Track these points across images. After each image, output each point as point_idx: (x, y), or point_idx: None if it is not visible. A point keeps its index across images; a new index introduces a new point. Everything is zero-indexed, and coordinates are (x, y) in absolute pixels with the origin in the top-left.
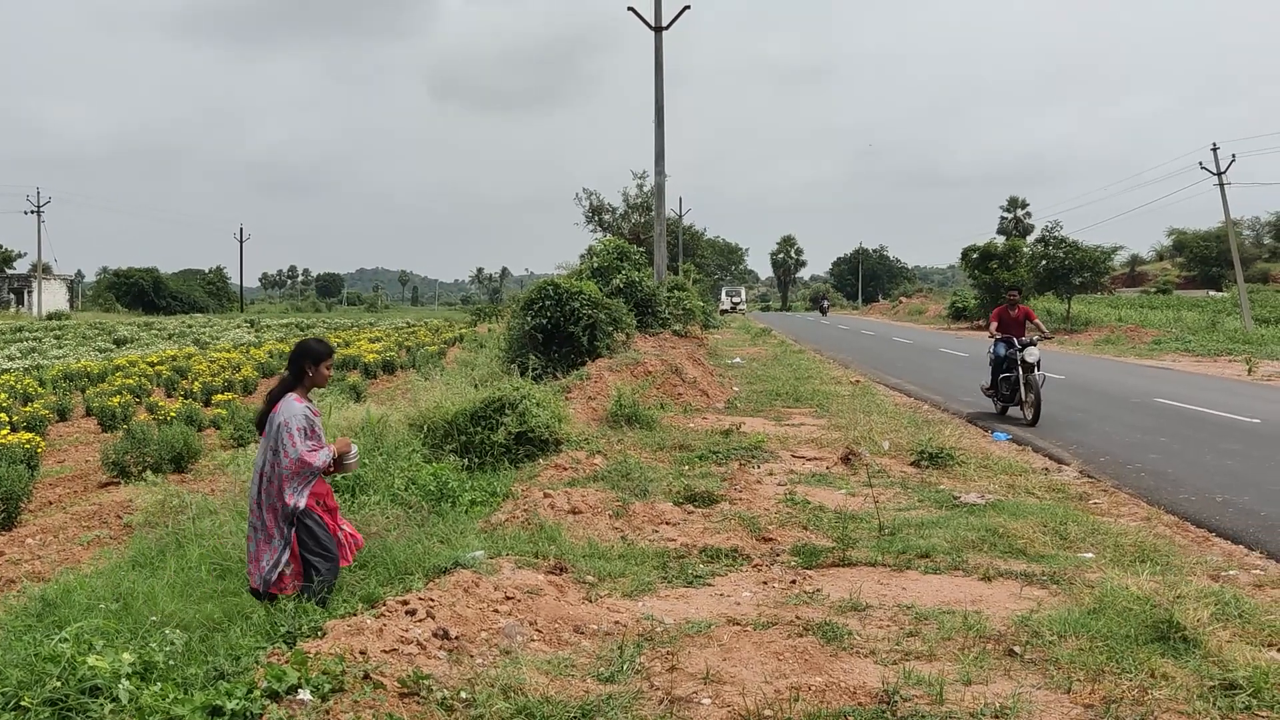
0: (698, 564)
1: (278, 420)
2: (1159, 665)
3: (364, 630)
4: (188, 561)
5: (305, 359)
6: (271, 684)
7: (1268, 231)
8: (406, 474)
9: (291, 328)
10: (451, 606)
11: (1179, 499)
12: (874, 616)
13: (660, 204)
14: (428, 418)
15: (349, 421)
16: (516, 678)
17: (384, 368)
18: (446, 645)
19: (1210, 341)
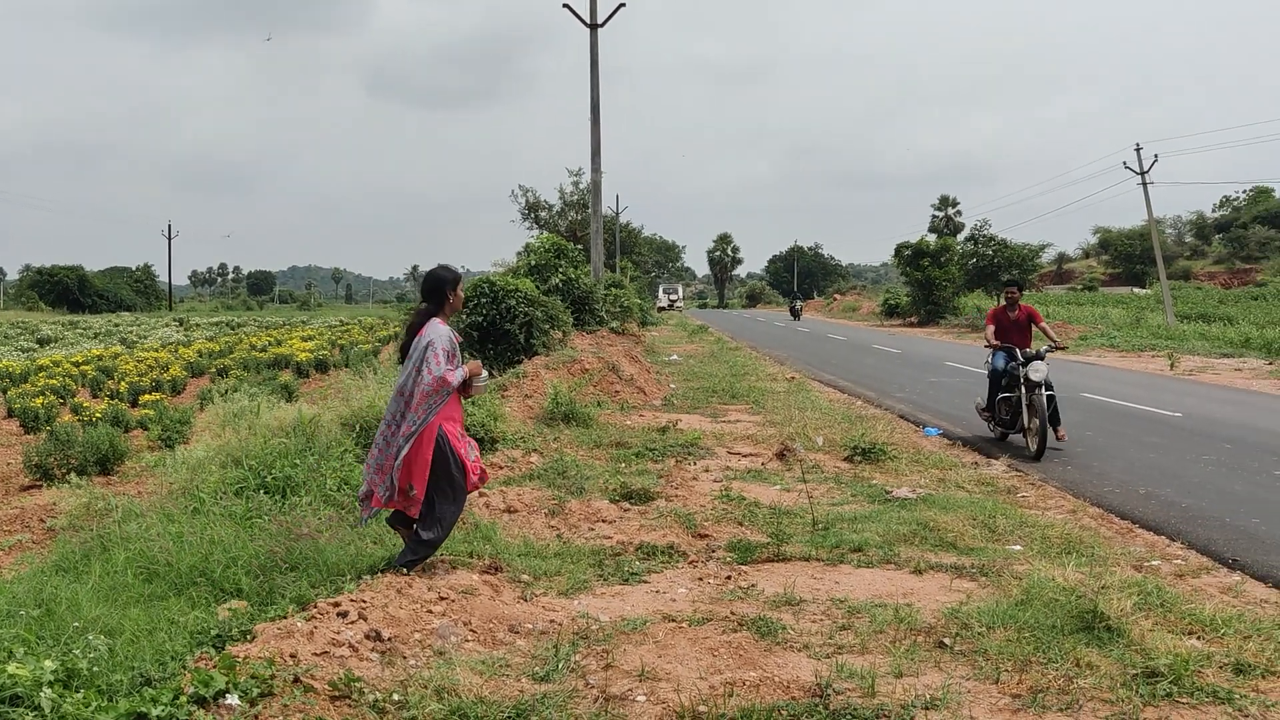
0: (634, 561)
1: (424, 341)
2: (1084, 654)
3: (294, 633)
4: (113, 566)
5: (445, 285)
6: (198, 689)
7: (1189, 230)
8: (339, 474)
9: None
10: (384, 608)
11: (1104, 492)
12: (808, 611)
13: (597, 201)
14: (360, 417)
15: (280, 421)
16: (450, 678)
17: (317, 366)
18: (379, 647)
19: (1134, 337)
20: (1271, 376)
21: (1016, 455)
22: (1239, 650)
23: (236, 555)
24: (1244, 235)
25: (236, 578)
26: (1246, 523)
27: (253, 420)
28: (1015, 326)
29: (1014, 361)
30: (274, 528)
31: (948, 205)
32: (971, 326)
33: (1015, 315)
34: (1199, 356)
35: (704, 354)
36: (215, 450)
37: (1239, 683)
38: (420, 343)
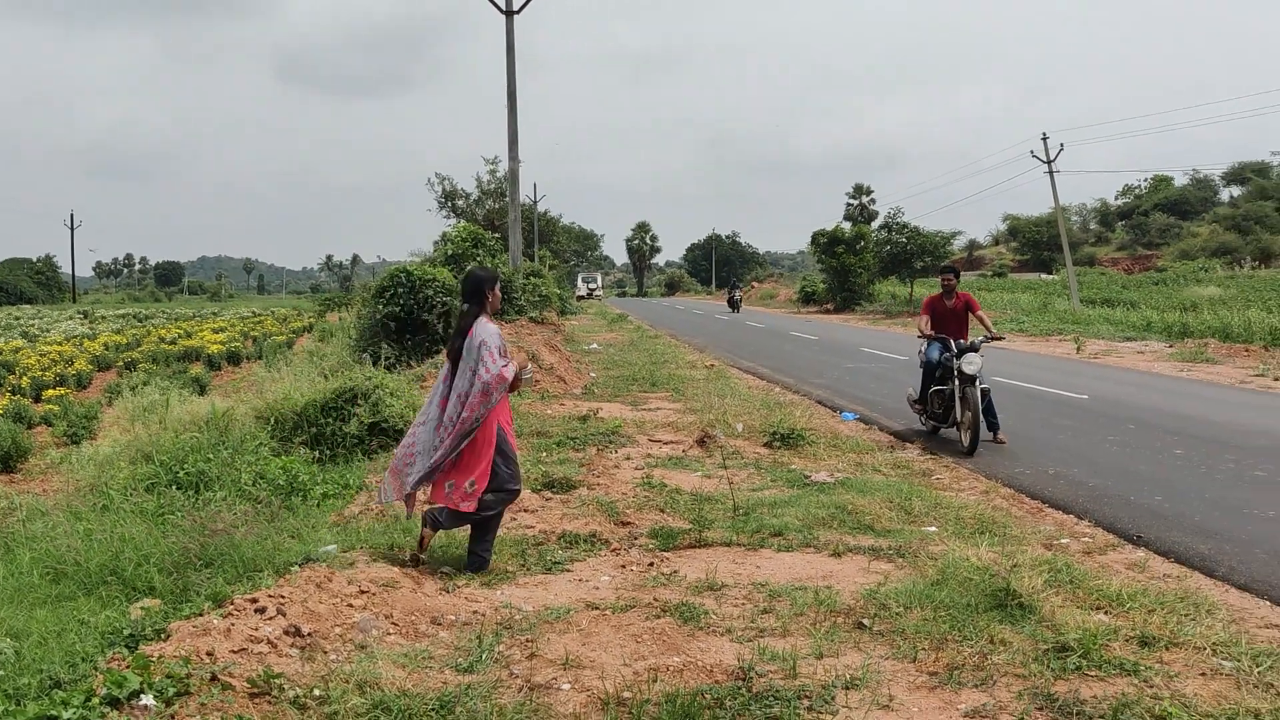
0: (557, 550)
1: (477, 341)
2: (998, 631)
3: (211, 630)
4: (18, 566)
5: (485, 284)
6: (111, 690)
7: (1094, 217)
8: (254, 468)
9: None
10: (303, 603)
11: (1015, 473)
12: (730, 595)
13: (514, 190)
14: (276, 409)
15: (192, 415)
16: (372, 672)
17: (229, 359)
18: (299, 642)
19: (1043, 322)
20: (1172, 359)
21: (935, 442)
22: (1144, 623)
23: (148, 553)
24: (1145, 222)
25: (149, 576)
26: (1150, 500)
27: (163, 414)
28: (952, 316)
29: (948, 353)
30: (187, 524)
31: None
32: (885, 313)
33: (952, 304)
34: (1104, 340)
35: (624, 342)
36: (124, 446)
37: (1144, 654)
38: (473, 343)
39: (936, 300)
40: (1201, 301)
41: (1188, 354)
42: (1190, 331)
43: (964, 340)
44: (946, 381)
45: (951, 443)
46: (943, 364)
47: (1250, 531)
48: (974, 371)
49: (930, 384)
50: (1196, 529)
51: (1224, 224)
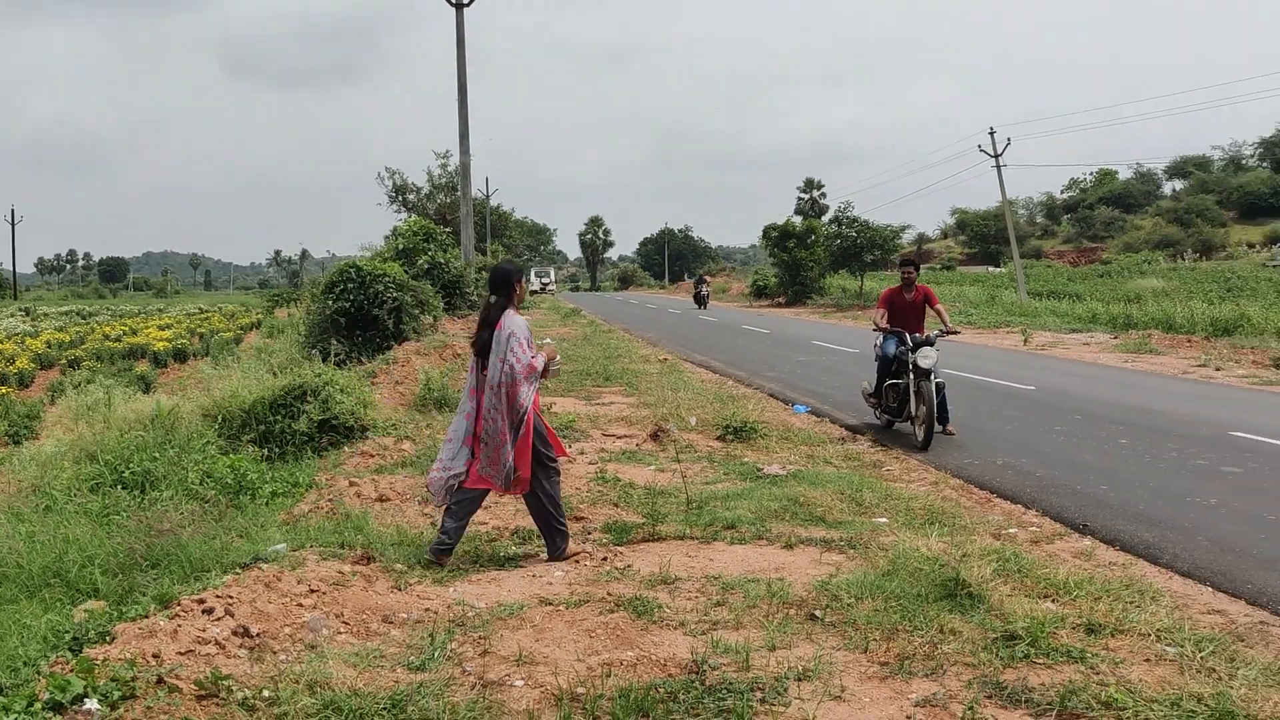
0: (511, 546)
1: (506, 333)
2: (948, 621)
3: (157, 632)
4: None
5: (511, 278)
6: (54, 695)
7: (1040, 210)
8: (201, 467)
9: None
10: (252, 603)
11: (964, 464)
12: (683, 589)
13: (466, 184)
14: (223, 407)
15: (137, 413)
16: (322, 672)
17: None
18: (248, 643)
19: (990, 314)
20: (1117, 350)
21: (886, 435)
22: (1090, 611)
23: (93, 554)
24: (1090, 215)
25: (93, 577)
26: (1096, 490)
27: (107, 413)
28: (910, 309)
29: (903, 347)
30: (133, 524)
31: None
32: (836, 306)
33: (911, 297)
34: (1050, 332)
35: (578, 337)
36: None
37: (1091, 642)
38: (502, 335)
39: (895, 293)
40: (1145, 293)
41: (1132, 345)
42: (1134, 323)
43: (919, 334)
44: (902, 375)
45: (903, 436)
46: (898, 358)
47: (1193, 519)
48: (929, 365)
49: (886, 378)
50: (1141, 517)
51: (1166, 217)
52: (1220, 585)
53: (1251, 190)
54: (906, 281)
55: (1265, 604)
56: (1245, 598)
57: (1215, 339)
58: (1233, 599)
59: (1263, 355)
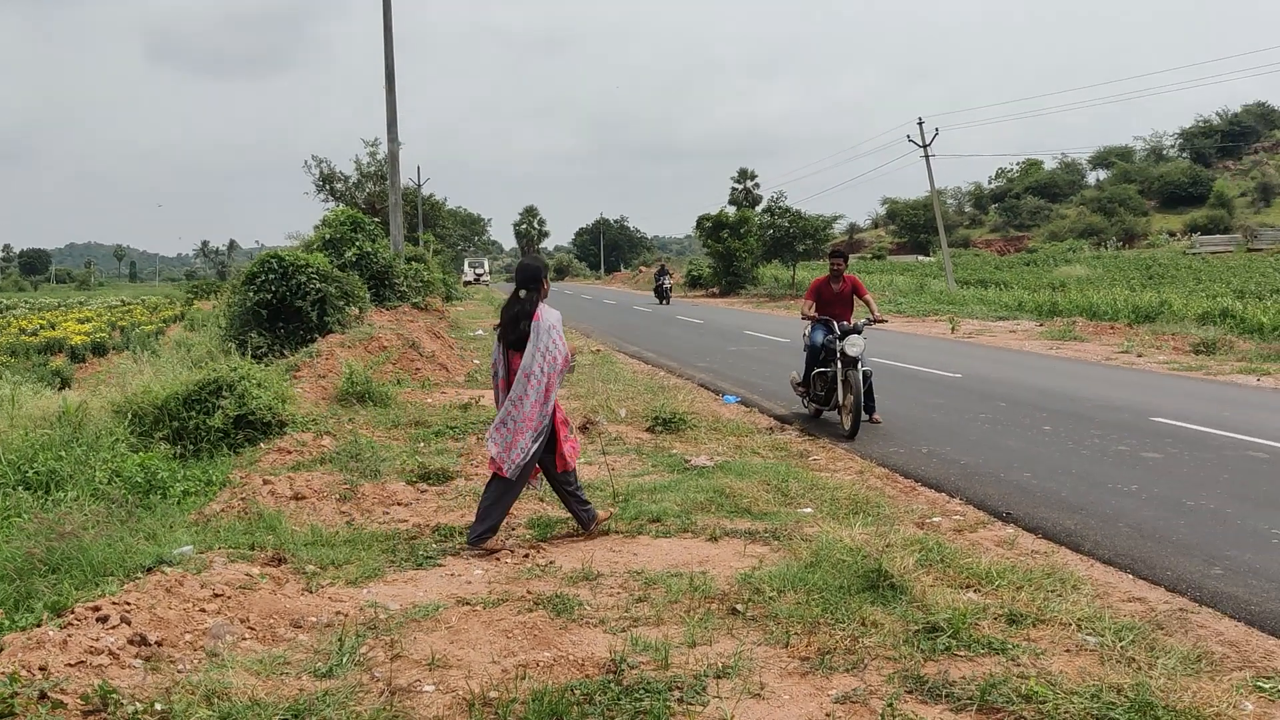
0: (430, 544)
1: (546, 324)
2: (870, 613)
3: (46, 643)
4: None
5: (541, 273)
6: None
7: (968, 200)
8: (110, 465)
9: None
10: (151, 609)
11: (889, 452)
12: (605, 585)
13: (394, 173)
14: (134, 403)
15: (45, 410)
16: (221, 682)
17: (94, 350)
18: (144, 652)
19: (919, 303)
20: (1042, 337)
21: (814, 424)
22: (1012, 601)
23: None
24: (1017, 205)
25: None
26: (1019, 477)
27: (12, 410)
28: (838, 299)
29: (831, 335)
30: (33, 527)
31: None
32: (769, 296)
33: (839, 287)
34: (977, 320)
35: None
36: None
37: (1012, 632)
38: (542, 326)
39: (823, 283)
40: (1070, 281)
41: (1057, 332)
42: (1059, 310)
43: (848, 323)
44: (830, 364)
45: (830, 425)
46: (826, 346)
47: (1114, 506)
48: (857, 353)
49: (814, 366)
50: (1063, 504)
51: (1090, 206)
52: (1140, 572)
53: (1172, 180)
54: (835, 272)
55: (1184, 590)
56: (1165, 584)
57: (1137, 326)
58: (1153, 586)
59: (1182, 341)
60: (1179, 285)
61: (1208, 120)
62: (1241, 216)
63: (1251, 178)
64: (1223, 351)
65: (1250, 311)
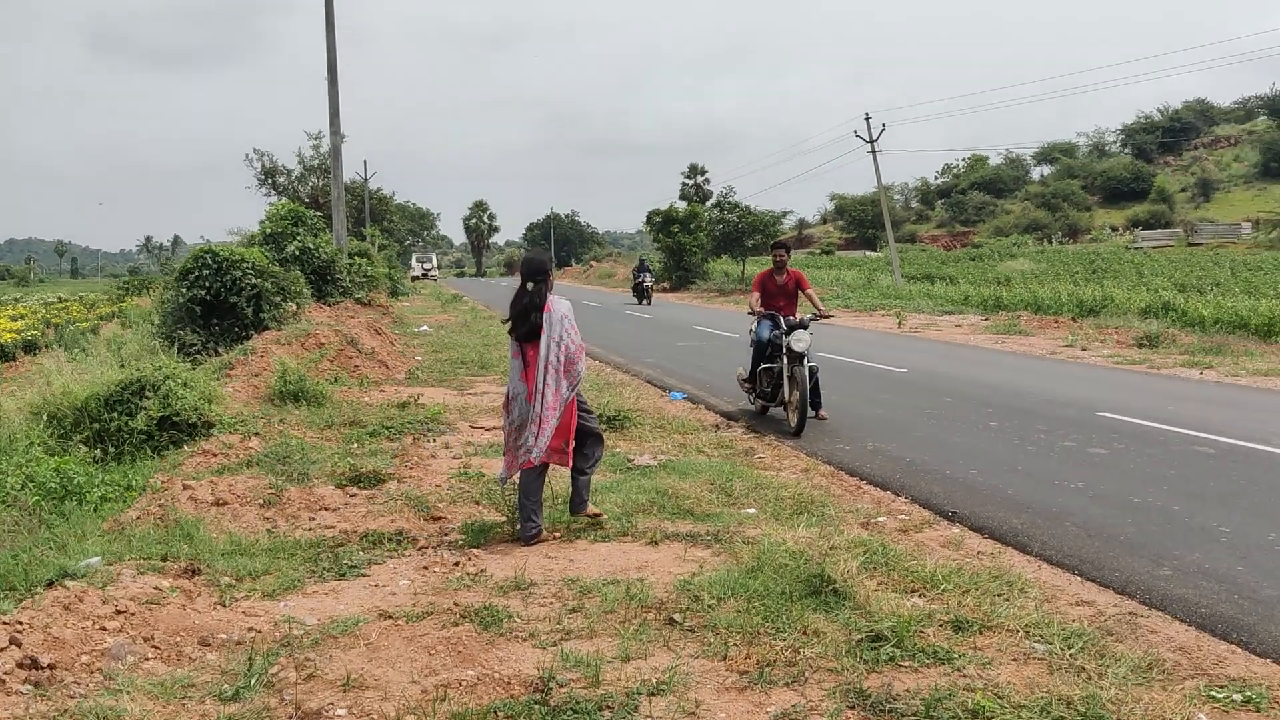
0: (357, 552)
1: (558, 315)
2: (811, 621)
3: None
4: None
5: (548, 266)
6: None
7: (915, 195)
8: (23, 471)
9: None
10: (46, 629)
11: (835, 450)
12: (538, 594)
13: (337, 166)
14: (53, 404)
15: None
16: (115, 708)
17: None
18: (35, 676)
19: (867, 298)
20: (987, 331)
21: (761, 421)
22: (958, 606)
23: None
24: (963, 200)
25: None
26: (965, 474)
27: None
28: (782, 292)
29: (778, 330)
30: None
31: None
32: (719, 291)
33: (783, 280)
34: (924, 314)
35: (456, 324)
36: None
37: (958, 640)
38: (554, 317)
39: (767, 276)
40: (1015, 276)
41: (1002, 326)
42: (1004, 305)
43: (793, 317)
44: (776, 359)
45: (777, 422)
46: (772, 342)
47: (1061, 504)
48: (803, 349)
49: (760, 362)
50: (1010, 503)
51: (1035, 201)
52: (1088, 574)
53: (1114, 176)
54: (778, 264)
55: (1133, 593)
56: (1114, 586)
57: (1081, 319)
58: (1101, 588)
59: (1126, 335)
60: (1122, 279)
61: (1149, 117)
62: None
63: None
64: (1166, 345)
65: (1192, 305)
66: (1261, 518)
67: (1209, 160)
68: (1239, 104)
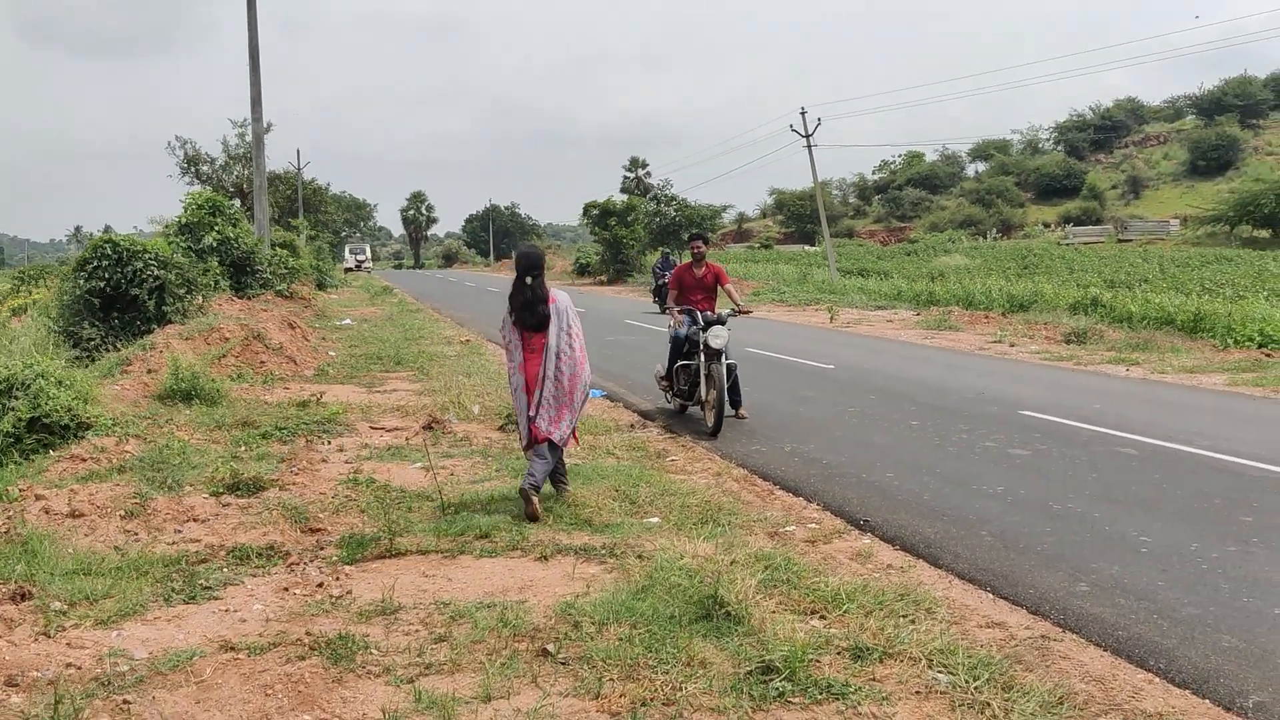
0: (219, 570)
1: (563, 305)
2: (699, 650)
3: None
4: None
5: (543, 260)
6: None
7: (853, 191)
8: None
9: None
10: None
11: (751, 451)
12: (404, 620)
13: (259, 154)
14: None
15: None
16: None
17: None
18: None
19: (802, 292)
20: (918, 326)
21: (679, 421)
22: (859, 630)
23: None
24: (899, 196)
25: None
26: (881, 478)
27: None
28: (699, 286)
29: (695, 326)
30: None
31: (638, 166)
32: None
33: (701, 274)
34: (857, 309)
35: (382, 317)
36: None
37: (856, 670)
38: (560, 307)
39: (685, 270)
40: (948, 271)
41: (933, 321)
42: (936, 300)
43: (711, 312)
44: (694, 356)
45: (695, 421)
46: (690, 338)
47: (978, 510)
48: (720, 346)
49: (677, 359)
50: (925, 509)
51: (970, 198)
52: (1001, 590)
53: (1047, 173)
54: (696, 256)
55: (1047, 613)
56: (1027, 605)
57: (1011, 315)
58: (1014, 607)
59: (1054, 331)
60: (1053, 275)
61: (1081, 114)
62: (1112, 208)
63: (1122, 170)
64: (1093, 341)
65: (1120, 301)
66: (1183, 525)
67: (1139, 158)
68: (1168, 103)
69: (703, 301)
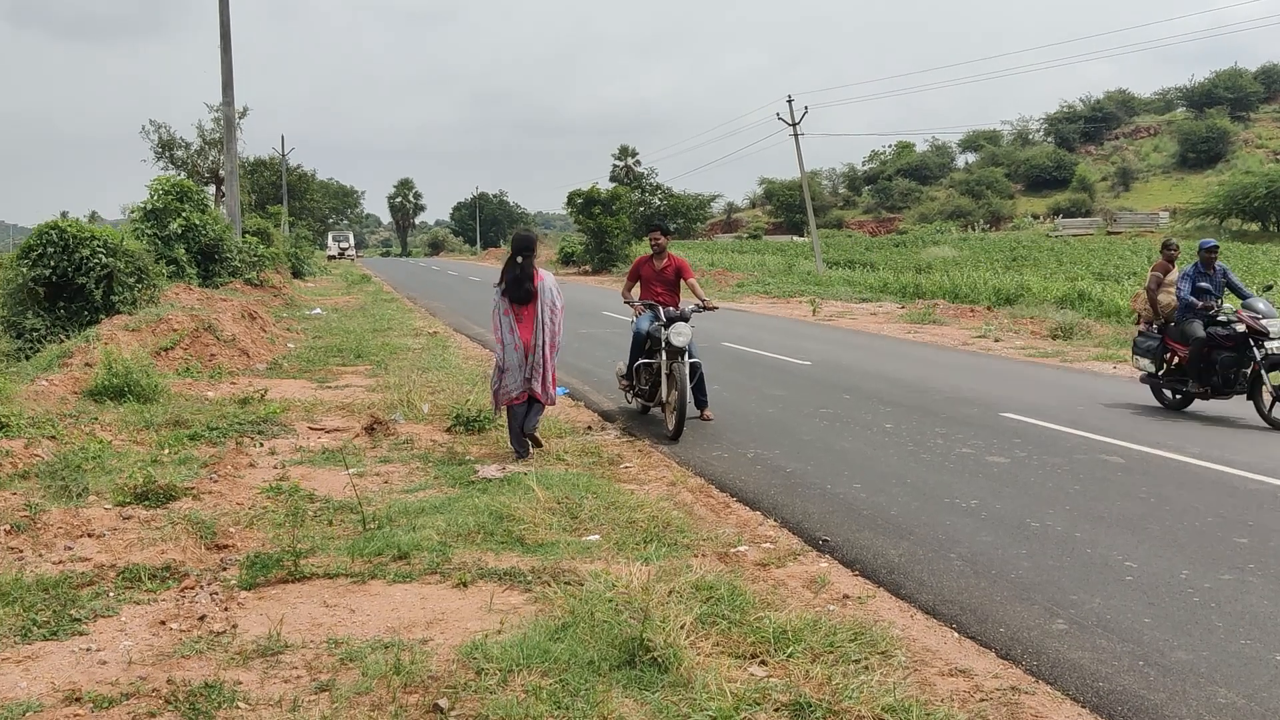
0: (104, 594)
1: (549, 284)
2: (616, 706)
3: None
4: None
5: (535, 242)
6: None
7: (842, 181)
8: None
9: None
10: None
11: (712, 457)
12: (286, 663)
13: (231, 138)
14: None
15: None
16: None
17: None
18: None
19: (787, 284)
20: (902, 320)
21: (640, 422)
22: (804, 678)
23: None
24: (889, 186)
25: None
26: (847, 489)
27: None
28: (659, 279)
29: (657, 322)
30: None
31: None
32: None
33: (661, 266)
34: (841, 301)
35: (354, 307)
36: None
37: None
38: (547, 285)
39: (645, 261)
40: (936, 263)
41: (917, 315)
42: (922, 292)
43: (674, 308)
44: (656, 354)
45: (657, 423)
46: (651, 335)
47: (948, 528)
48: (683, 344)
49: (638, 357)
50: (891, 526)
51: (959, 189)
52: (968, 628)
53: (1037, 164)
54: (656, 248)
55: (1019, 657)
56: (996, 648)
57: (997, 309)
58: (981, 650)
59: (1040, 325)
60: (1041, 267)
61: (1071, 106)
62: (1102, 200)
63: (1112, 162)
64: (1080, 336)
65: (1108, 294)
66: (1173, 547)
67: (1129, 150)
68: (1159, 95)
69: (664, 295)
